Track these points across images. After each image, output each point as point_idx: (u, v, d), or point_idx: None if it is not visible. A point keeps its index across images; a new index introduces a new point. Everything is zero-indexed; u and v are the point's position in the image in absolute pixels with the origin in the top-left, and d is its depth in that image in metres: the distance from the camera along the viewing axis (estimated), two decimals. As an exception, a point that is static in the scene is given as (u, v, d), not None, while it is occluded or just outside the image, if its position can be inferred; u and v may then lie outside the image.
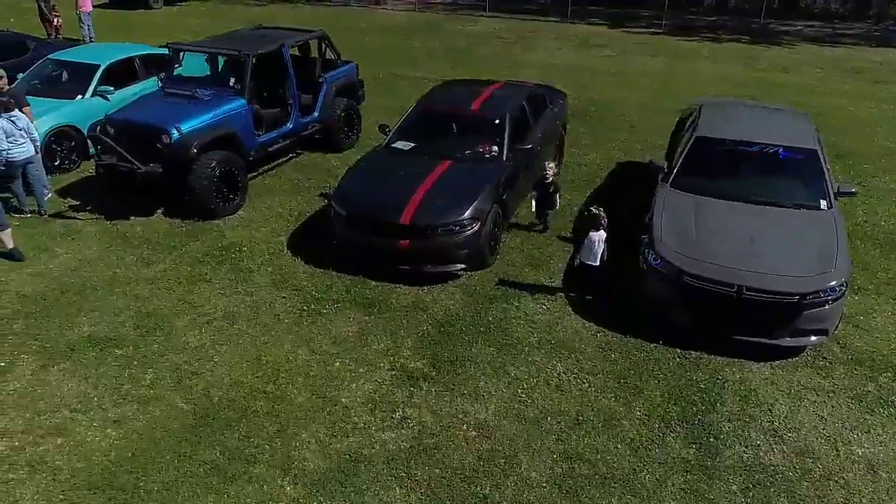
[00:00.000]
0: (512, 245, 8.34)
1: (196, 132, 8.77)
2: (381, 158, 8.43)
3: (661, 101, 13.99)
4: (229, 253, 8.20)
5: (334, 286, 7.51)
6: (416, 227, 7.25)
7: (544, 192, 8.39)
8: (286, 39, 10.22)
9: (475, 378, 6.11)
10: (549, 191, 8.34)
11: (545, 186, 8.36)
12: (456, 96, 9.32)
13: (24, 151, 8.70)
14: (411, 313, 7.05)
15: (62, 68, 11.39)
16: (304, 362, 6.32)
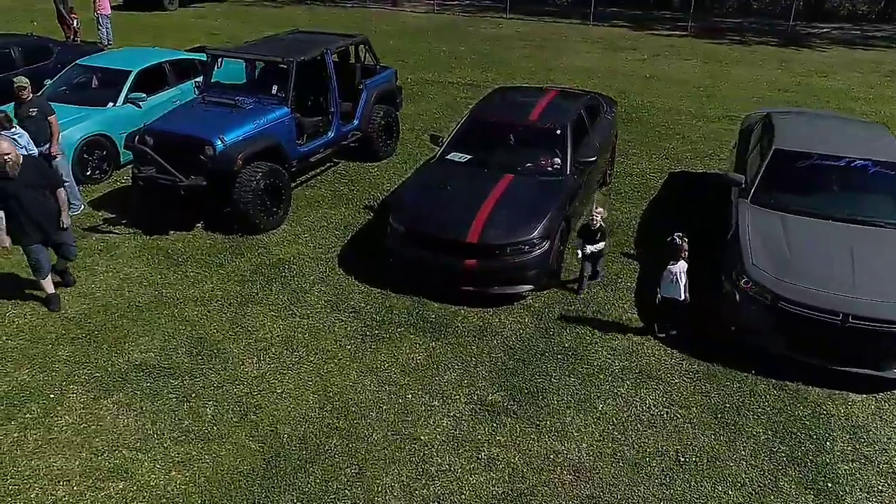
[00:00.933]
0: (575, 262, 7.92)
1: (240, 143, 8.35)
2: (437, 171, 8.00)
3: (705, 108, 13.58)
4: (278, 271, 7.79)
5: (394, 308, 7.10)
6: (483, 247, 6.82)
7: (591, 239, 7.19)
8: (328, 45, 9.80)
9: (560, 412, 5.69)
10: (597, 238, 7.19)
11: (592, 233, 7.20)
12: (512, 106, 8.88)
13: None
14: (480, 339, 6.63)
15: (91, 74, 10.98)
16: (374, 394, 5.91)
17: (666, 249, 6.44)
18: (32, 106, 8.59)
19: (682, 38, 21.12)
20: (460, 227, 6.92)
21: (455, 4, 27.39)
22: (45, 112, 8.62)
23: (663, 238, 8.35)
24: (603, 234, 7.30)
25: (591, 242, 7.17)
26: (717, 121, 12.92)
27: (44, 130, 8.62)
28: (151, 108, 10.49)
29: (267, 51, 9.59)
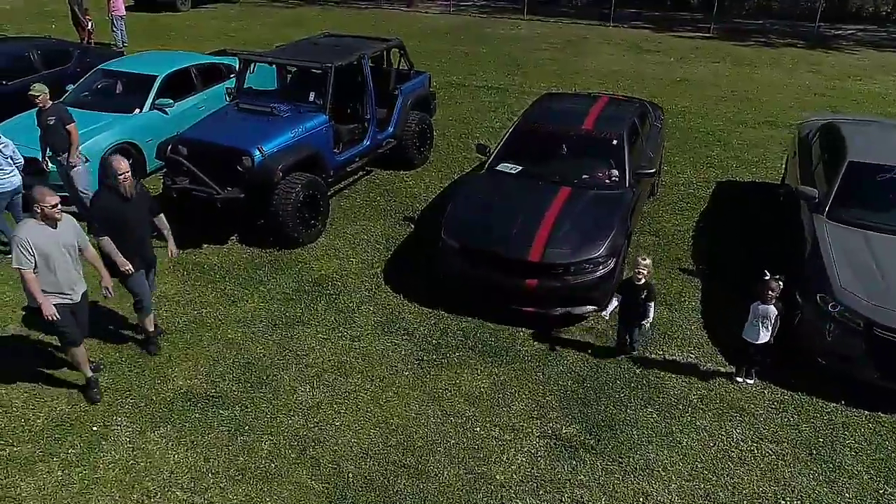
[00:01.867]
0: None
1: (279, 153, 7.96)
2: (488, 183, 7.60)
3: (743, 113, 13.17)
4: (322, 288, 7.40)
5: (449, 330, 6.71)
6: (546, 266, 6.43)
7: (633, 299, 6.03)
8: (365, 49, 9.41)
9: (641, 447, 5.30)
10: (641, 297, 5.96)
11: (635, 291, 6.02)
12: (563, 113, 8.46)
13: (10, 182, 7.73)
14: (544, 364, 6.24)
15: (115, 79, 10.58)
16: (439, 426, 5.51)
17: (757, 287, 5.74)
18: (50, 114, 8.18)
19: (706, 40, 20.68)
20: (520, 244, 6.53)
21: (469, 5, 26.96)
22: (64, 120, 8.19)
23: (722, 253, 8.11)
24: (650, 294, 5.98)
25: (632, 303, 5.99)
26: (756, 127, 12.52)
27: (63, 139, 8.22)
28: (178, 115, 10.14)
29: (302, 55, 9.19)
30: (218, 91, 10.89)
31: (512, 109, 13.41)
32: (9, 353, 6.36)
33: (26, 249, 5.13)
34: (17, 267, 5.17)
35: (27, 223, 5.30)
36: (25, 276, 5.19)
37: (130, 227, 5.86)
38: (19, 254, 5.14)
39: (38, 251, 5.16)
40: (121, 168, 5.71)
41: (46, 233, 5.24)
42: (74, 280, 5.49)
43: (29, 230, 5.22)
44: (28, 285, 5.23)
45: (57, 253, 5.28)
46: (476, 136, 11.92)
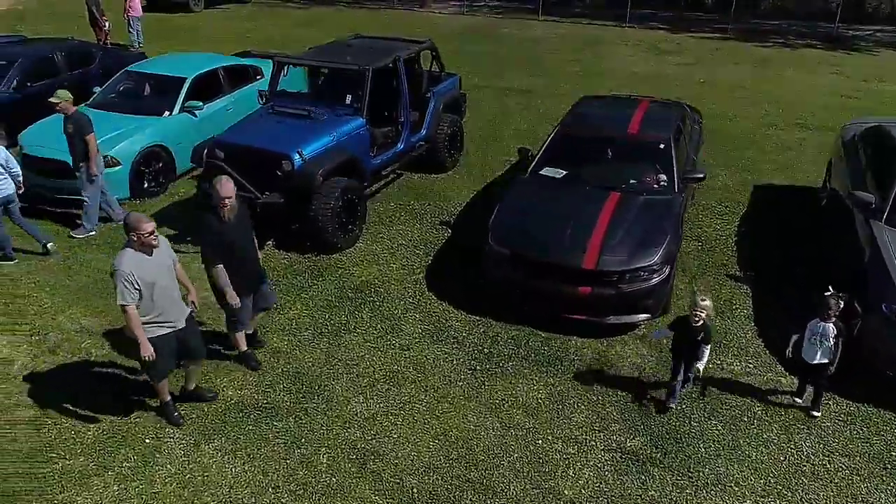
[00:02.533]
0: (679, 285, 7.39)
1: (319, 157, 7.83)
2: (533, 188, 7.46)
3: (772, 116, 13.03)
4: (365, 295, 7.27)
5: (499, 338, 6.58)
6: (600, 273, 6.30)
7: (688, 339, 5.49)
8: (400, 51, 9.27)
9: (710, 461, 5.16)
10: (697, 338, 5.46)
11: (691, 332, 5.45)
12: (606, 117, 8.34)
13: (2, 189, 7.51)
14: (600, 373, 6.10)
15: (143, 81, 10.46)
16: (500, 439, 5.38)
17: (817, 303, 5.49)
18: (70, 122, 8.02)
19: (724, 40, 20.52)
20: (574, 251, 6.39)
21: (482, 5, 26.83)
22: (82, 131, 7.98)
23: (766, 258, 7.97)
24: (706, 336, 5.43)
25: (686, 343, 5.51)
26: (786, 129, 12.38)
27: (82, 149, 8.05)
28: (206, 117, 10.02)
29: (338, 57, 9.06)
30: (245, 93, 10.80)
31: (538, 111, 13.30)
32: (52, 363, 6.23)
33: (131, 284, 4.77)
34: (122, 304, 4.79)
35: (125, 254, 4.88)
36: (129, 313, 4.84)
37: (235, 250, 5.59)
38: (124, 289, 4.77)
39: (141, 282, 4.81)
40: (226, 191, 5.41)
41: (146, 261, 4.90)
42: (178, 305, 5.18)
43: (130, 262, 4.83)
44: (130, 322, 4.88)
45: (159, 279, 4.95)
46: (504, 139, 11.82)
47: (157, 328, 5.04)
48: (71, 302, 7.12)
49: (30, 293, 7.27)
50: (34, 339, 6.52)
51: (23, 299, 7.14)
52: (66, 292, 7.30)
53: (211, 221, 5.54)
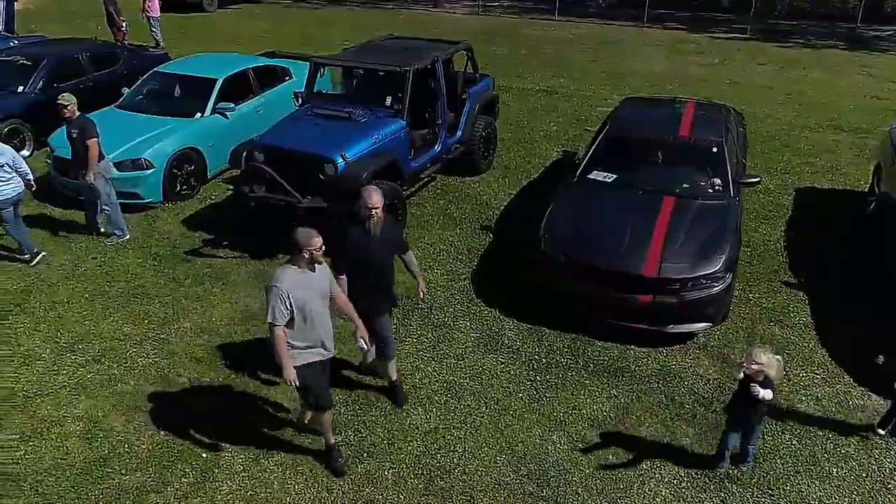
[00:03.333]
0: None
1: (362, 160, 7.66)
2: (583, 192, 7.28)
3: (805, 117, 12.83)
4: (412, 302, 7.05)
5: (555, 347, 6.40)
6: (662, 281, 6.12)
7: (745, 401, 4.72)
8: (438, 52, 9.09)
9: (790, 478, 4.97)
10: (758, 397, 4.59)
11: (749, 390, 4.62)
12: (654, 119, 8.15)
13: (10, 189, 7.33)
14: (664, 385, 5.92)
15: (173, 83, 10.29)
16: (568, 454, 5.20)
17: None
18: (75, 127, 7.80)
19: (744, 41, 20.34)
20: (634, 258, 6.21)
21: (495, 5, 26.65)
22: (85, 134, 7.71)
23: (818, 263, 7.79)
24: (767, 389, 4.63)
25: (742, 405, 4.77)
26: (821, 131, 12.19)
27: (83, 154, 7.80)
28: (237, 119, 9.85)
29: (376, 58, 8.89)
30: (274, 94, 10.63)
31: (565, 113, 13.13)
32: (98, 372, 6.06)
33: (284, 303, 4.44)
34: (272, 322, 4.48)
35: (286, 271, 4.53)
36: (277, 333, 4.49)
37: (375, 267, 5.22)
38: (277, 306, 4.43)
39: (296, 303, 4.47)
40: (373, 202, 5.01)
41: (306, 281, 4.54)
42: (330, 332, 4.79)
43: (288, 279, 4.48)
44: (277, 343, 4.52)
45: (315, 302, 4.59)
46: (535, 141, 11.64)
47: (309, 353, 4.68)
48: (111, 309, 6.95)
49: (69, 299, 7.10)
50: (78, 348, 6.35)
51: (62, 306, 6.97)
52: (105, 299, 7.13)
53: (354, 233, 5.13)
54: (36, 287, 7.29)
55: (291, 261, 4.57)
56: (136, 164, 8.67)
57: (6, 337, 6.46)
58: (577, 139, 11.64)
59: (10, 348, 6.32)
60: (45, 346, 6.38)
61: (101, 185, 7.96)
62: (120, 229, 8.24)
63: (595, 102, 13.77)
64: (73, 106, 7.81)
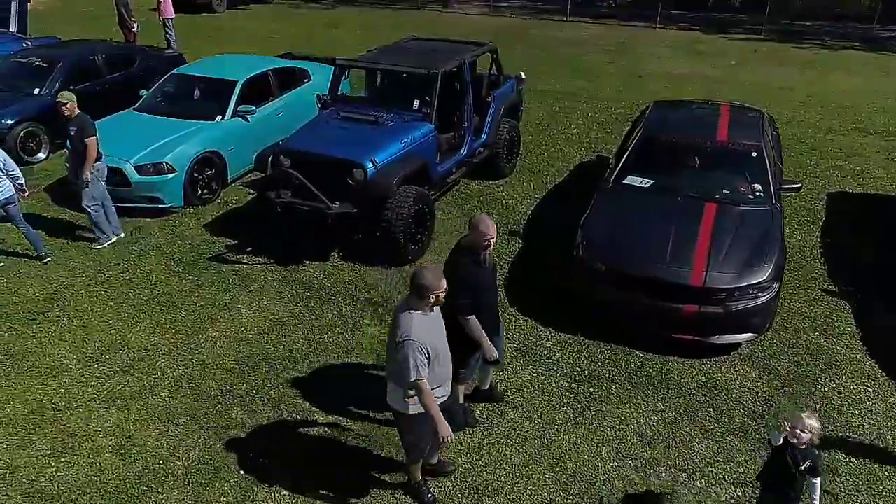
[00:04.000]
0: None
1: (391, 165, 7.49)
2: (620, 198, 7.09)
3: (829, 120, 12.63)
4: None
5: (596, 358, 6.21)
6: (708, 290, 5.94)
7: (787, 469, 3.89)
8: (465, 54, 8.91)
9: (852, 497, 4.80)
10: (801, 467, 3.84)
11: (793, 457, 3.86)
12: (690, 122, 7.96)
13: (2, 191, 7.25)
14: (711, 398, 5.74)
15: (193, 85, 10.11)
16: (619, 471, 5.02)
17: None
18: (73, 125, 7.64)
19: (760, 41, 20.15)
20: (678, 267, 6.03)
21: (506, 6, 26.47)
22: (83, 133, 7.56)
23: (859, 272, 7.60)
24: (814, 468, 3.85)
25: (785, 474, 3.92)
26: (847, 133, 11.99)
27: (81, 153, 7.65)
28: (258, 122, 9.68)
29: (402, 60, 8.71)
30: (294, 96, 10.47)
31: (586, 115, 12.94)
32: (128, 384, 5.88)
33: (424, 354, 4.07)
34: (416, 379, 4.05)
35: (414, 320, 4.11)
36: (423, 388, 4.09)
37: (486, 297, 4.88)
38: (419, 360, 4.03)
39: (431, 350, 4.11)
40: (492, 232, 4.67)
41: (431, 323, 4.20)
42: (450, 369, 4.45)
43: (418, 328, 4.09)
44: (426, 398, 4.12)
45: (442, 342, 4.27)
46: (557, 144, 11.46)
47: (438, 391, 4.31)
48: (137, 318, 6.78)
49: (93, 307, 6.93)
50: (105, 358, 6.18)
51: (87, 314, 6.81)
52: (130, 307, 6.96)
53: (468, 265, 4.74)
54: (59, 295, 7.13)
55: (412, 304, 4.16)
56: (158, 168, 8.50)
57: (32, 347, 6.30)
58: (599, 142, 11.47)
59: (36, 359, 6.16)
60: (71, 356, 6.22)
61: (92, 187, 7.77)
62: (103, 232, 8.03)
63: (615, 105, 13.58)
64: (71, 104, 7.67)
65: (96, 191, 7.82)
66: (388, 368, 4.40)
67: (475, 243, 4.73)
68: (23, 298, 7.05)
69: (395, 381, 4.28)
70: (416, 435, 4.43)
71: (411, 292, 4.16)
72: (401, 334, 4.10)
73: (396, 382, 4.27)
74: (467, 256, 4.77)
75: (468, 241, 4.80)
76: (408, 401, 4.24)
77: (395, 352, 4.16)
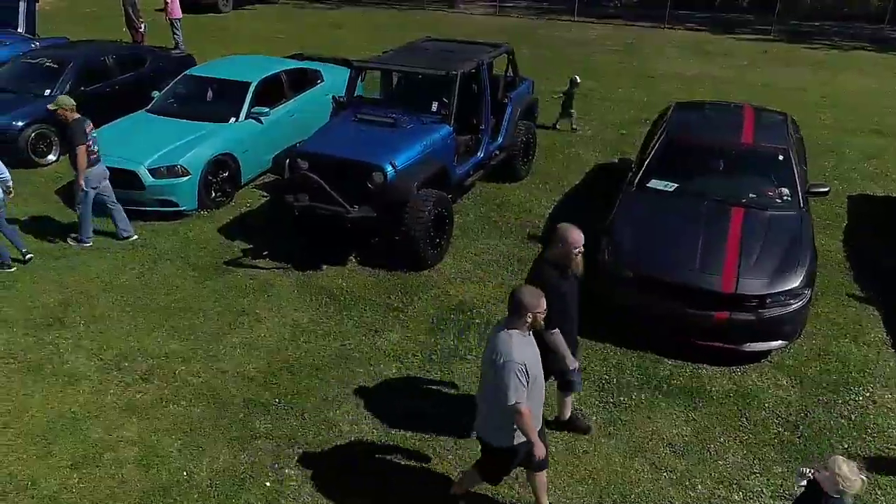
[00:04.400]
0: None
1: (410, 168, 7.38)
2: (645, 202, 6.98)
3: (844, 121, 12.54)
4: (467, 317, 6.80)
5: (623, 367, 6.10)
6: (739, 297, 5.83)
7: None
8: (483, 55, 8.80)
9: (892, 510, 4.72)
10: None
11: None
12: (714, 125, 7.84)
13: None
14: (743, 407, 5.62)
15: (205, 86, 10.00)
16: (653, 483, 4.90)
17: None
18: (69, 130, 7.55)
19: (769, 42, 20.04)
20: (708, 273, 5.93)
21: (511, 6, 26.35)
22: (74, 141, 7.48)
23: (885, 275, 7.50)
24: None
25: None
26: (863, 135, 11.90)
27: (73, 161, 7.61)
28: (271, 123, 9.57)
29: (420, 62, 8.59)
30: (307, 98, 10.36)
31: (599, 116, 12.84)
32: (147, 392, 5.76)
33: (523, 376, 3.84)
34: (516, 403, 3.83)
35: (513, 340, 3.91)
36: (523, 412, 3.86)
37: (570, 309, 4.72)
38: (519, 384, 3.82)
39: (530, 374, 3.90)
40: (579, 241, 4.50)
41: (529, 345, 3.99)
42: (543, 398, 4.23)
43: (520, 349, 3.88)
44: (525, 423, 3.89)
45: (538, 369, 4.02)
46: (572, 146, 11.36)
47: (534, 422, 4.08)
48: (155, 323, 6.66)
49: (109, 313, 6.82)
50: (124, 366, 6.07)
51: (104, 320, 6.69)
52: (146, 312, 6.85)
53: (552, 277, 4.52)
54: (74, 300, 7.01)
55: (510, 324, 3.96)
56: (172, 171, 8.39)
57: (49, 354, 6.18)
58: (614, 144, 11.36)
59: (53, 366, 6.05)
60: (89, 363, 6.10)
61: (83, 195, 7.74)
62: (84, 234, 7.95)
63: (628, 105, 13.49)
64: (62, 110, 7.59)
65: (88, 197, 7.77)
66: (482, 394, 4.18)
67: (564, 254, 4.52)
68: (38, 304, 6.94)
69: (491, 408, 4.04)
70: (505, 467, 4.21)
71: (510, 312, 3.98)
72: (500, 356, 3.87)
73: (492, 409, 4.03)
74: (553, 268, 4.57)
75: (556, 255, 4.58)
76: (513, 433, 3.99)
77: (492, 375, 3.92)
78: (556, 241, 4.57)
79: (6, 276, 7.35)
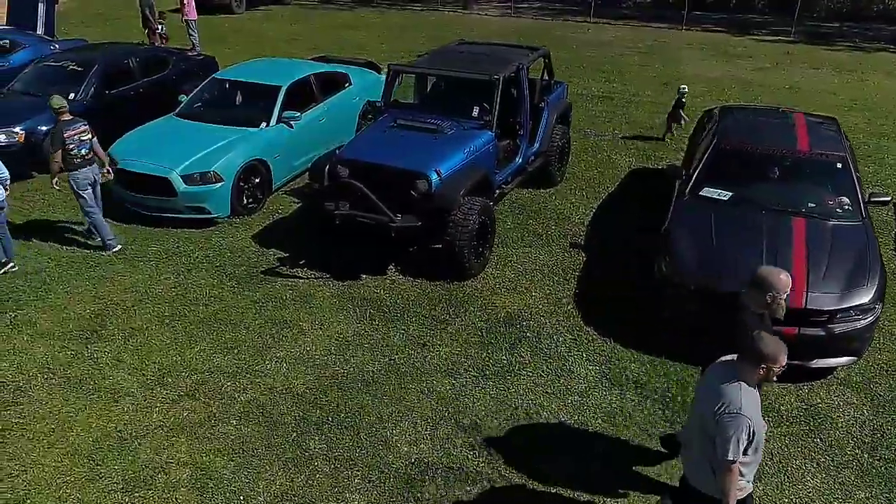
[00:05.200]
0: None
1: (455, 175, 7.17)
2: (700, 211, 6.74)
3: (878, 125, 12.34)
4: (516, 330, 6.58)
5: (685, 382, 5.84)
6: (809, 312, 5.62)
7: None
8: (522, 59, 8.59)
9: None
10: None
11: None
12: (766, 131, 7.61)
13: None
14: (813, 426, 5.40)
15: (234, 90, 9.79)
16: None
17: None
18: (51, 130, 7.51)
19: (790, 43, 19.81)
20: (775, 286, 5.71)
21: (526, 7, 26.15)
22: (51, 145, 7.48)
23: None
24: None
25: None
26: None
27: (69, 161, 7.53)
28: (301, 128, 9.35)
29: (459, 66, 8.36)
30: (336, 102, 10.15)
31: (627, 120, 12.63)
32: (194, 409, 5.55)
33: (748, 434, 3.51)
34: (733, 459, 3.49)
35: (747, 395, 3.55)
36: (734, 471, 3.54)
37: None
38: (742, 440, 3.48)
39: (756, 432, 3.56)
40: (787, 286, 4.11)
41: (758, 402, 3.64)
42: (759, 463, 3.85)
43: (749, 402, 3.54)
44: (731, 482, 3.56)
45: (762, 434, 3.67)
46: (603, 150, 11.14)
47: (748, 487, 3.78)
48: (196, 336, 6.45)
49: (147, 325, 6.61)
50: (168, 381, 5.86)
51: (142, 333, 6.48)
52: (186, 324, 6.64)
53: (756, 326, 4.02)
54: (110, 311, 6.80)
55: (742, 372, 3.60)
56: (205, 178, 8.18)
57: (90, 369, 5.98)
58: (649, 149, 11.15)
59: (95, 382, 5.84)
60: (131, 378, 5.89)
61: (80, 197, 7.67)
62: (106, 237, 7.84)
63: (654, 108, 13.23)
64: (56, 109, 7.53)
65: (86, 199, 7.63)
66: (689, 438, 3.89)
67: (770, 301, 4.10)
68: (72, 315, 6.73)
69: (702, 456, 3.72)
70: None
71: (744, 358, 3.62)
72: (728, 406, 3.51)
73: (702, 458, 3.72)
74: (759, 319, 4.17)
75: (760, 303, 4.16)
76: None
77: (711, 424, 3.58)
78: (760, 287, 4.16)
79: (39, 287, 7.16)
